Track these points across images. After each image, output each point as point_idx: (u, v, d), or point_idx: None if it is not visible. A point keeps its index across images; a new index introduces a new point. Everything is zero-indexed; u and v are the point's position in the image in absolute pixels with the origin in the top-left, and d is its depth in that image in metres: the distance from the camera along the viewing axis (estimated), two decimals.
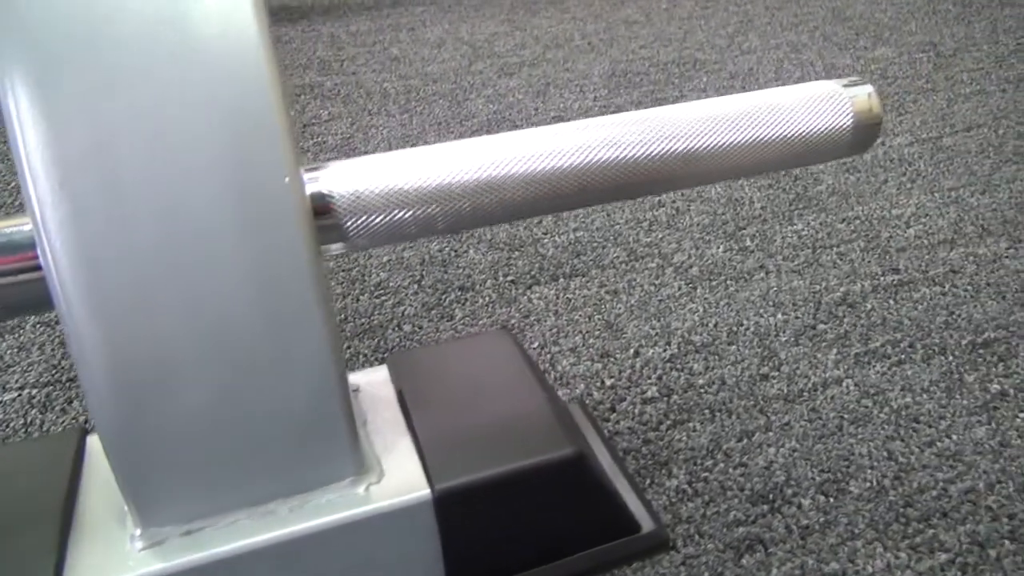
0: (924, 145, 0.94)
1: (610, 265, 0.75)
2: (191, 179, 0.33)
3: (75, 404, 0.61)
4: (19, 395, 0.62)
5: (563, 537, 0.45)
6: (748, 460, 0.54)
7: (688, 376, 0.61)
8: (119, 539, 0.39)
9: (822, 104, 0.42)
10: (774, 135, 0.42)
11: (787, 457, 0.54)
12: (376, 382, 0.48)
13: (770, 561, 0.47)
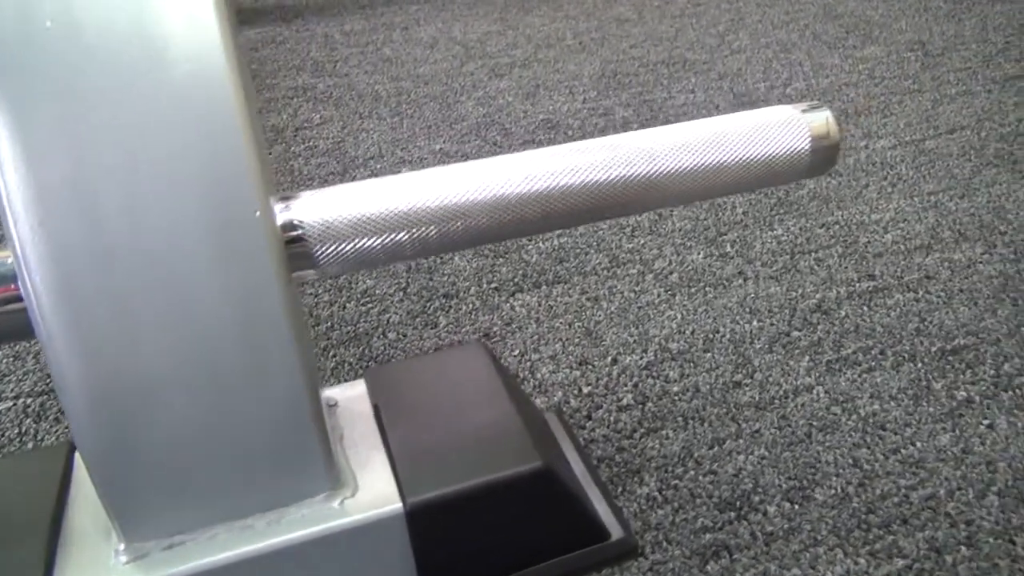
0: (907, 148, 0.95)
1: (592, 272, 0.76)
2: (166, 215, 0.35)
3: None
4: (14, 404, 0.64)
5: (533, 546, 0.47)
6: (718, 467, 0.55)
7: (663, 384, 0.63)
8: (104, 552, 0.41)
9: (781, 130, 0.43)
10: (734, 159, 0.43)
11: (756, 464, 0.55)
12: (353, 397, 0.50)
13: (734, 567, 0.49)
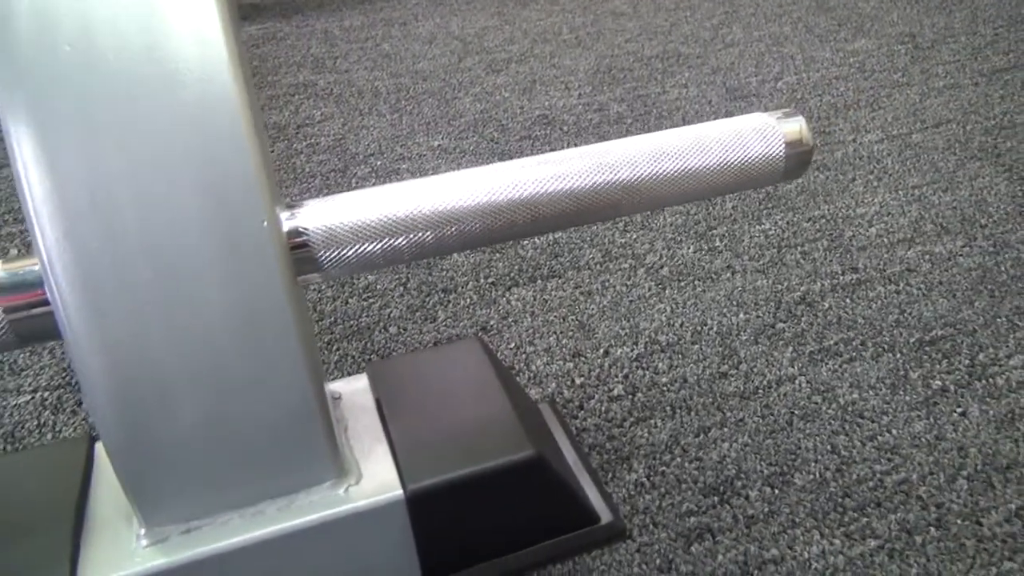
0: (894, 142, 0.97)
1: (585, 266, 0.79)
2: (180, 226, 0.37)
3: (85, 407, 0.66)
4: (32, 398, 0.67)
5: (526, 529, 0.50)
6: (703, 455, 0.58)
7: (653, 375, 0.66)
8: (126, 537, 0.44)
9: (756, 137, 0.46)
10: (712, 165, 0.46)
11: (739, 451, 0.58)
12: (356, 390, 0.52)
13: (717, 548, 0.52)
